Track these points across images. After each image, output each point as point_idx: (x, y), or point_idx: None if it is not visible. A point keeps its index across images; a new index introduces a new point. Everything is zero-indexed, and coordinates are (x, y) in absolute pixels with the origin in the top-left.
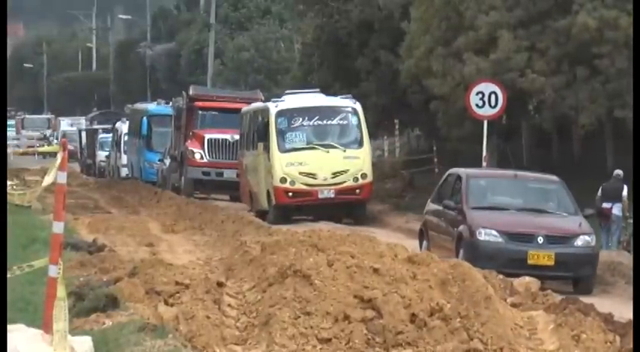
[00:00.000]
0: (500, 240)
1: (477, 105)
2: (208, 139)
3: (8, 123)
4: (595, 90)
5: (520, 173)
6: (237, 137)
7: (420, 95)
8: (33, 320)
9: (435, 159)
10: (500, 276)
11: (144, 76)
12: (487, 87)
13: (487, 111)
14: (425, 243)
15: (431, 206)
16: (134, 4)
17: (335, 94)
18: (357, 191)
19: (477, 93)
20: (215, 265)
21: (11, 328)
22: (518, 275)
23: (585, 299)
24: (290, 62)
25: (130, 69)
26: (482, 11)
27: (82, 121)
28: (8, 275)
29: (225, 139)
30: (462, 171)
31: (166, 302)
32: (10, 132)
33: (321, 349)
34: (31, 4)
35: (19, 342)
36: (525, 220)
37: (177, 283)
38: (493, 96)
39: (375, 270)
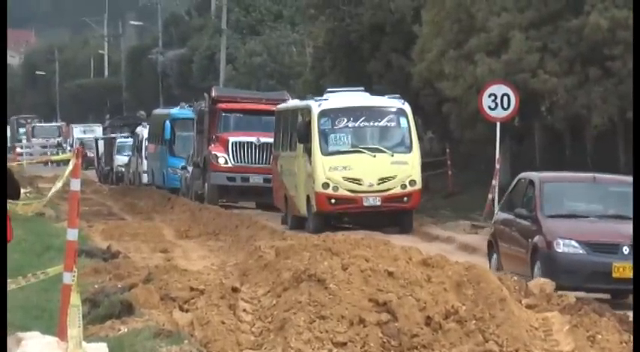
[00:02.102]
0: (581, 251)
1: (489, 107)
2: (233, 143)
3: (20, 131)
4: (607, 90)
5: (599, 176)
6: (263, 140)
7: (433, 98)
8: (48, 327)
9: (449, 162)
10: (515, 278)
11: (156, 82)
12: (499, 89)
13: (500, 113)
14: (495, 256)
15: (500, 215)
16: (145, 10)
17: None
18: (405, 199)
19: (490, 95)
20: (230, 270)
21: (26, 335)
22: (601, 291)
23: None
24: (302, 66)
25: (142, 75)
26: (494, 13)
27: (96, 128)
28: (23, 283)
29: (251, 142)
30: (534, 175)
31: (181, 308)
32: (23, 140)
33: None
34: (43, 11)
35: (35, 349)
36: (608, 228)
37: (192, 289)
38: (505, 98)
39: (390, 273)
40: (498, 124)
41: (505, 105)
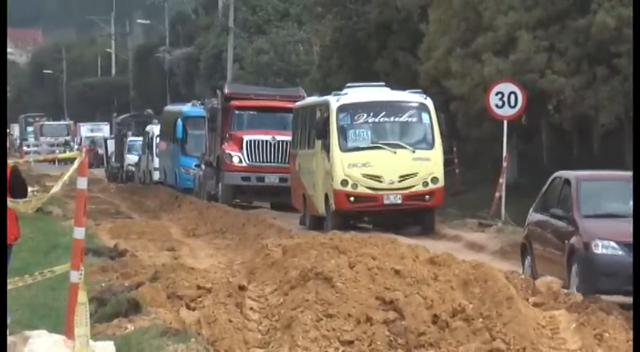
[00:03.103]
0: (620, 252)
1: (496, 105)
2: (247, 141)
3: (28, 129)
4: (614, 89)
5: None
6: (278, 138)
7: (440, 96)
8: (55, 325)
9: (456, 160)
10: (522, 276)
11: (163, 80)
12: (506, 87)
13: (507, 112)
14: (528, 259)
15: (534, 216)
16: (153, 9)
17: None
18: (427, 197)
19: (497, 94)
20: (237, 269)
21: (33, 334)
22: None
23: None
24: (309, 65)
25: (149, 74)
26: (501, 12)
27: (103, 127)
28: (30, 281)
29: (266, 141)
30: (570, 173)
31: (188, 307)
32: (30, 139)
33: (343, 351)
34: (50, 10)
35: (42, 348)
36: None
37: (199, 287)
38: (513, 97)
39: (397, 272)
40: (505, 122)
41: (512, 104)
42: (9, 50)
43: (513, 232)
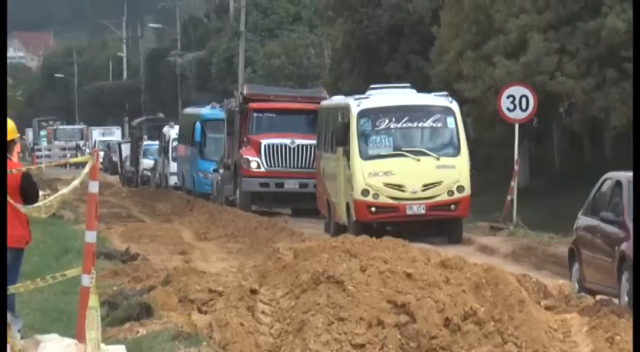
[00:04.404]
0: None
1: (507, 108)
2: (265, 145)
3: (41, 133)
4: (625, 91)
5: None
6: (298, 142)
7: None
8: (67, 329)
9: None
10: (534, 279)
11: (174, 84)
12: (518, 90)
13: (518, 115)
14: (576, 265)
15: (583, 220)
16: (164, 12)
17: None
18: (452, 206)
19: (508, 97)
20: (248, 272)
21: (45, 338)
22: None
23: None
24: (320, 68)
25: (160, 78)
26: (512, 14)
27: (115, 131)
28: (41, 285)
29: (285, 145)
30: (621, 175)
31: (200, 310)
32: (43, 143)
33: None
34: (61, 14)
35: None
36: None
37: (210, 291)
38: (524, 100)
39: (408, 275)
40: (517, 126)
41: (524, 107)
42: (20, 54)
43: (525, 235)
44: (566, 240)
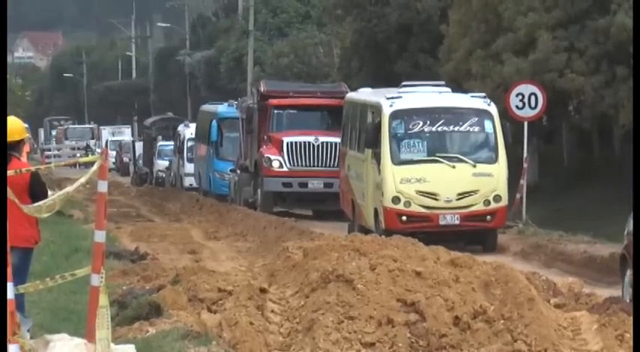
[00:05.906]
0: None
1: (516, 106)
2: (288, 143)
3: (53, 133)
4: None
5: None
6: (322, 139)
7: None
8: (76, 329)
9: None
10: (544, 277)
11: (183, 83)
12: (527, 88)
13: (527, 113)
14: (628, 273)
15: (632, 224)
16: (173, 12)
17: None
18: (488, 217)
19: (517, 95)
20: (258, 271)
21: (54, 337)
22: None
23: None
24: (329, 67)
25: (169, 77)
26: (521, 12)
27: (124, 130)
28: (51, 284)
29: (308, 142)
30: None
31: (209, 309)
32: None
33: None
34: (70, 13)
35: (63, 351)
36: None
37: (220, 290)
38: (533, 98)
39: (418, 274)
40: (526, 124)
41: (532, 105)
42: (29, 54)
43: (534, 233)
44: (575, 238)
